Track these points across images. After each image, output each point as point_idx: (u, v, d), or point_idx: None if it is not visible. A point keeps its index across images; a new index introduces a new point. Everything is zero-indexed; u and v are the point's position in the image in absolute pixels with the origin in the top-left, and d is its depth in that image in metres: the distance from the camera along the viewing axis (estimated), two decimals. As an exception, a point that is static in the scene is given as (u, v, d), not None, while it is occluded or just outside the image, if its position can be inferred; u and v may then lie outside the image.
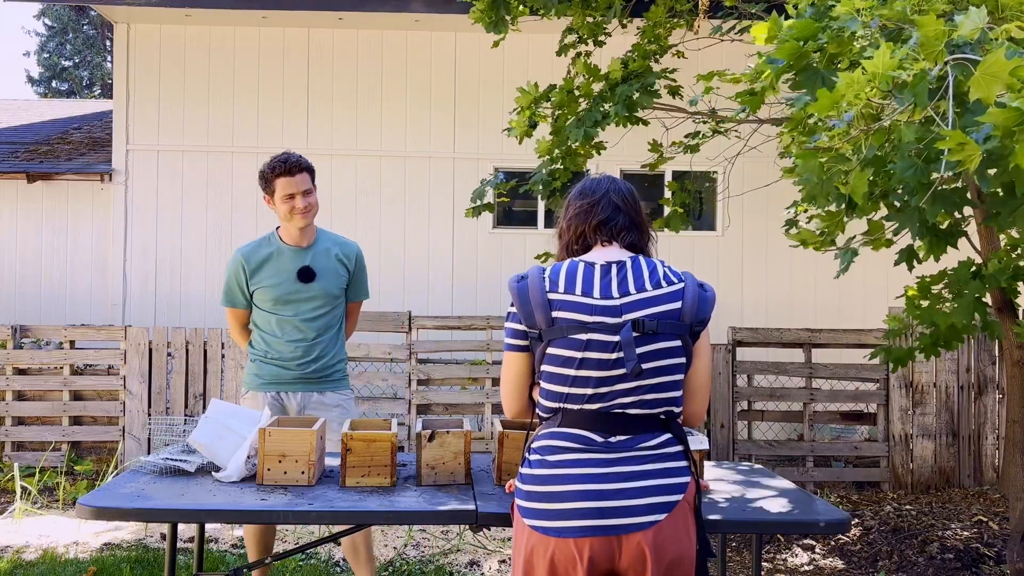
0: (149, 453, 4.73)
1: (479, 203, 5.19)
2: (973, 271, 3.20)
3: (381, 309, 7.07)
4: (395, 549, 4.55)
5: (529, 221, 8.31)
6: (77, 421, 6.17)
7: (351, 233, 8.35)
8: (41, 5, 25.93)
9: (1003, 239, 3.51)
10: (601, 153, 5.07)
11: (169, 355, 6.09)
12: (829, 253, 3.68)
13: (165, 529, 3.59)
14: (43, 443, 6.11)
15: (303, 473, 2.55)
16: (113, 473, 5.67)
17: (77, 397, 6.18)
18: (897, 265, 3.35)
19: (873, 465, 6.03)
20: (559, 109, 4.79)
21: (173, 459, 2.71)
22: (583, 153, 4.95)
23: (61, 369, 6.13)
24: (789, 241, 3.36)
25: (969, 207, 2.54)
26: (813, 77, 2.53)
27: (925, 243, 2.79)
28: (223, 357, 6.03)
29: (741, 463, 3.22)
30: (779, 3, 5.34)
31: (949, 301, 3.45)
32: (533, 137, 4.93)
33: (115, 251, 8.26)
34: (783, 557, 4.51)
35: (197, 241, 8.28)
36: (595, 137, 4.63)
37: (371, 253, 8.25)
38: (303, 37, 8.34)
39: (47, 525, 4.96)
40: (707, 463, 2.80)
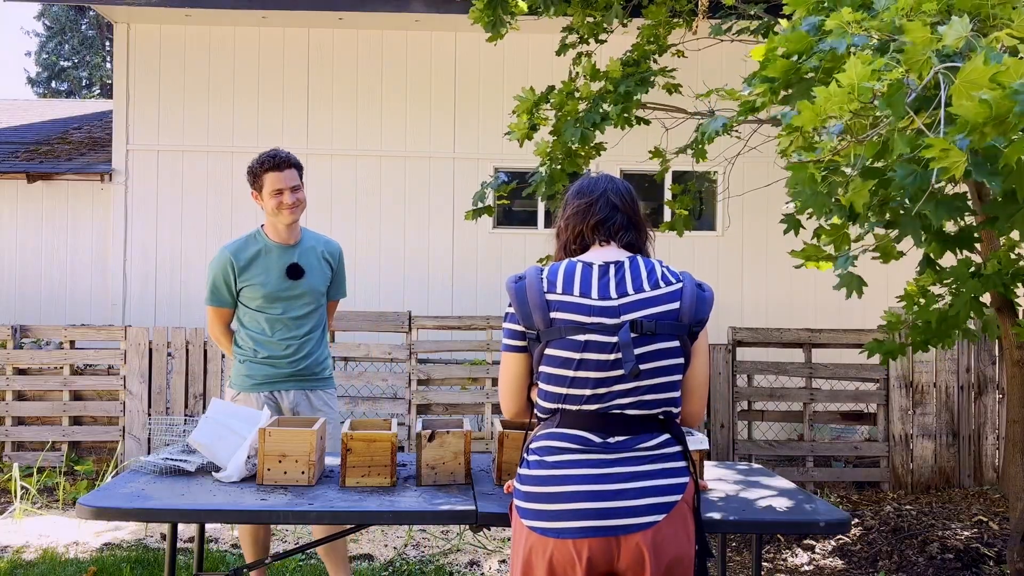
0: (149, 453, 4.73)
1: (479, 206, 5.19)
2: (972, 271, 3.20)
3: (381, 309, 7.08)
4: (395, 549, 4.55)
5: (529, 221, 8.31)
6: (77, 421, 6.17)
7: (351, 233, 8.42)
8: (40, 5, 25.94)
9: (1003, 241, 3.51)
10: (601, 154, 5.08)
11: (169, 355, 6.09)
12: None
13: (165, 529, 3.60)
14: (43, 443, 6.11)
15: (303, 473, 2.55)
16: (113, 473, 5.67)
17: (77, 397, 6.18)
18: (920, 275, 3.32)
19: (873, 465, 6.03)
20: (558, 110, 4.79)
21: (173, 459, 2.71)
22: (583, 154, 4.95)
23: (61, 369, 6.14)
24: (788, 241, 3.35)
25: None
26: (806, 91, 2.53)
27: (932, 249, 2.78)
28: (223, 357, 6.03)
29: (741, 463, 3.22)
30: (779, 3, 5.35)
31: (946, 301, 3.45)
32: (533, 140, 4.93)
33: (115, 251, 8.26)
34: (783, 557, 4.51)
35: (197, 241, 8.28)
36: (592, 139, 4.63)
37: (371, 253, 8.33)
38: (303, 37, 8.34)
39: (47, 525, 4.96)
40: (707, 463, 2.80)
